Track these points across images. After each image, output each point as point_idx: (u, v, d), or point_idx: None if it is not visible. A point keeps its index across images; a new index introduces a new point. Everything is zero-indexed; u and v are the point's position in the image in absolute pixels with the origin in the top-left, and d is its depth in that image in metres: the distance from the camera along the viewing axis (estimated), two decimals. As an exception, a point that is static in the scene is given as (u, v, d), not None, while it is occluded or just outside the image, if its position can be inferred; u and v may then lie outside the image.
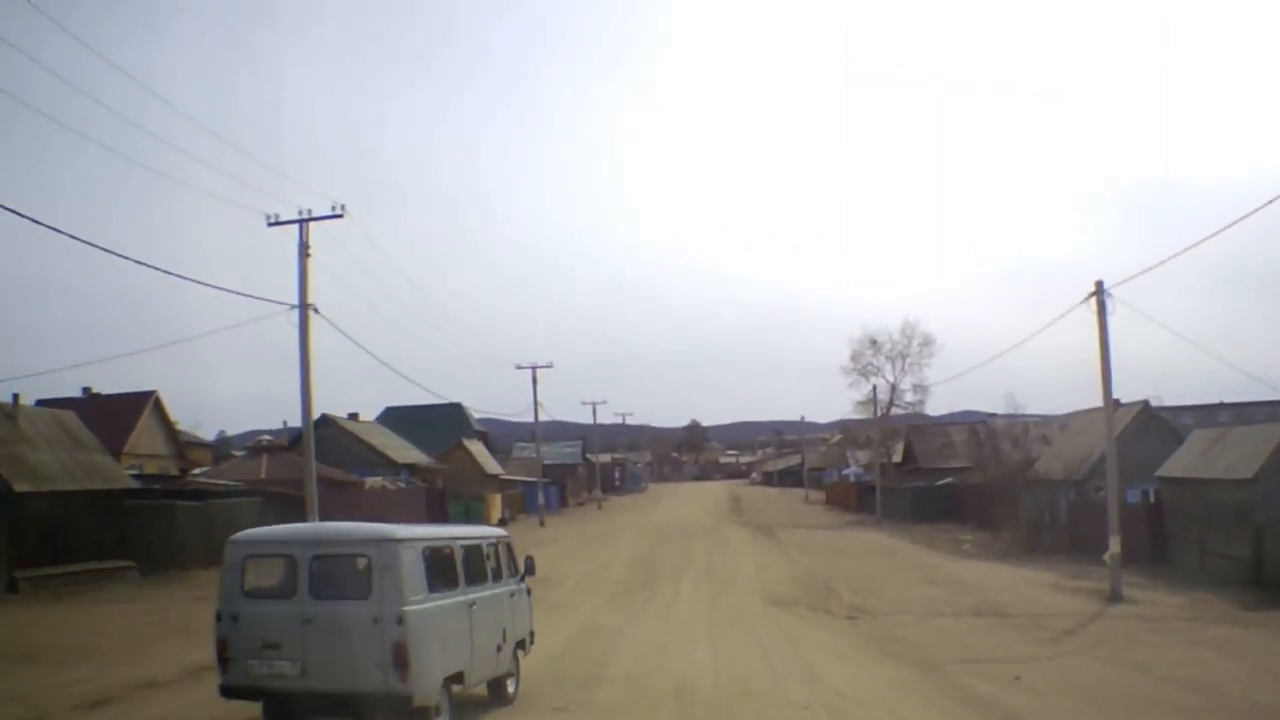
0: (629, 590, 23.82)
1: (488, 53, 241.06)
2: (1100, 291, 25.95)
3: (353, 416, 53.80)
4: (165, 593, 23.86)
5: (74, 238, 20.01)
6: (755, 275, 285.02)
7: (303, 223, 25.45)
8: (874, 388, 64.48)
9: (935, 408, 69.24)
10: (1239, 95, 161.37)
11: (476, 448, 63.83)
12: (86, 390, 55.85)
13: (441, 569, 10.05)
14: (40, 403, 52.48)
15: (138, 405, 54.47)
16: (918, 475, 63.91)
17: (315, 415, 54.08)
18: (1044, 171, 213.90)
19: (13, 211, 14.69)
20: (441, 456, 59.48)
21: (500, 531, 13.02)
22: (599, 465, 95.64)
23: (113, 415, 53.45)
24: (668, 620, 19.56)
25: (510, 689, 11.81)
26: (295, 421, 54.43)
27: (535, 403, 57.09)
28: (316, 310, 25.23)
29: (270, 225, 25.58)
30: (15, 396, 29.31)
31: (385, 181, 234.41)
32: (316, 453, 50.54)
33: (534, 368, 57.19)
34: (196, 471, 47.75)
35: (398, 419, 69.36)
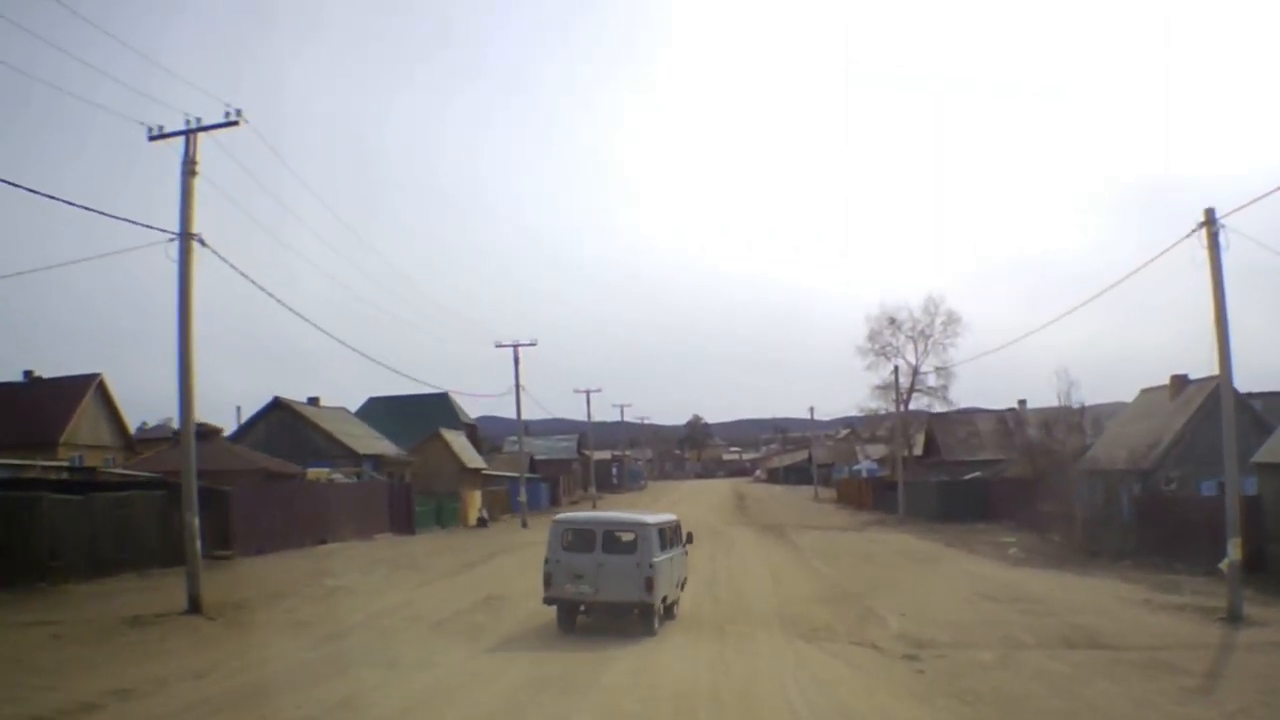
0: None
1: (488, 53, 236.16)
2: (1211, 222, 20.47)
3: (312, 401, 47.87)
4: (3, 616, 18.11)
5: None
6: (756, 273, 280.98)
7: (189, 134, 19.91)
8: (895, 369, 58.06)
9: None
10: (1239, 95, 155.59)
11: (456, 439, 57.85)
12: (28, 374, 50.57)
13: (663, 538, 17.28)
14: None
15: (80, 390, 48.99)
16: (941, 469, 58.15)
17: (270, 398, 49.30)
18: (1044, 171, 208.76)
19: None
20: (415, 448, 53.66)
21: (675, 517, 19.35)
22: (595, 461, 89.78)
23: (53, 401, 47.98)
24: (653, 669, 13.77)
25: (676, 611, 18.23)
26: (250, 409, 48.92)
27: (517, 386, 50.91)
28: (202, 241, 19.58)
29: (152, 139, 20.09)
30: None
31: (386, 180, 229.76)
32: (265, 439, 45.10)
33: (515, 346, 51.01)
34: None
35: (381, 409, 65.38)
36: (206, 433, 34.75)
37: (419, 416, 61.29)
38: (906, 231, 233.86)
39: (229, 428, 47.72)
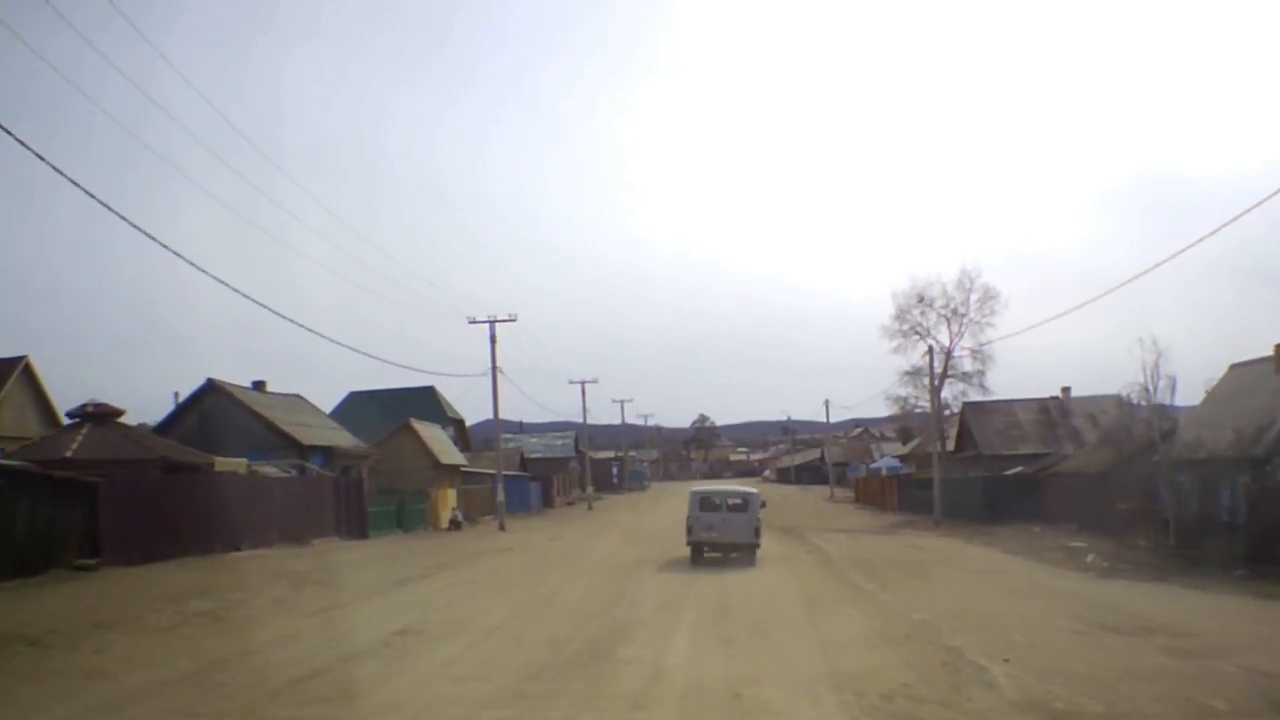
0: (559, 668, 11.93)
1: (490, 52, 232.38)
2: None
3: (258, 385, 41.57)
4: None
5: None
6: (762, 274, 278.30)
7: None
8: (929, 349, 51.12)
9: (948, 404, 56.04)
10: (1240, 91, 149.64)
11: (428, 431, 51.59)
12: (-46, 355, 44.97)
13: (760, 502, 26.30)
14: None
15: (4, 374, 43.31)
16: (977, 464, 51.78)
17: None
18: (1044, 170, 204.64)
19: None
20: (381, 442, 47.48)
21: (756, 489, 28.56)
22: (591, 460, 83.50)
23: (-28, 387, 42.45)
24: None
25: (758, 552, 26.23)
26: (185, 393, 42.79)
27: (494, 366, 44.48)
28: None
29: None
30: None
31: (387, 179, 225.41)
32: (198, 428, 38.26)
33: (492, 321, 44.55)
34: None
35: (363, 404, 61.11)
36: (104, 415, 28.71)
37: (402, 411, 56.17)
38: (910, 230, 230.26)
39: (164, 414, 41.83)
